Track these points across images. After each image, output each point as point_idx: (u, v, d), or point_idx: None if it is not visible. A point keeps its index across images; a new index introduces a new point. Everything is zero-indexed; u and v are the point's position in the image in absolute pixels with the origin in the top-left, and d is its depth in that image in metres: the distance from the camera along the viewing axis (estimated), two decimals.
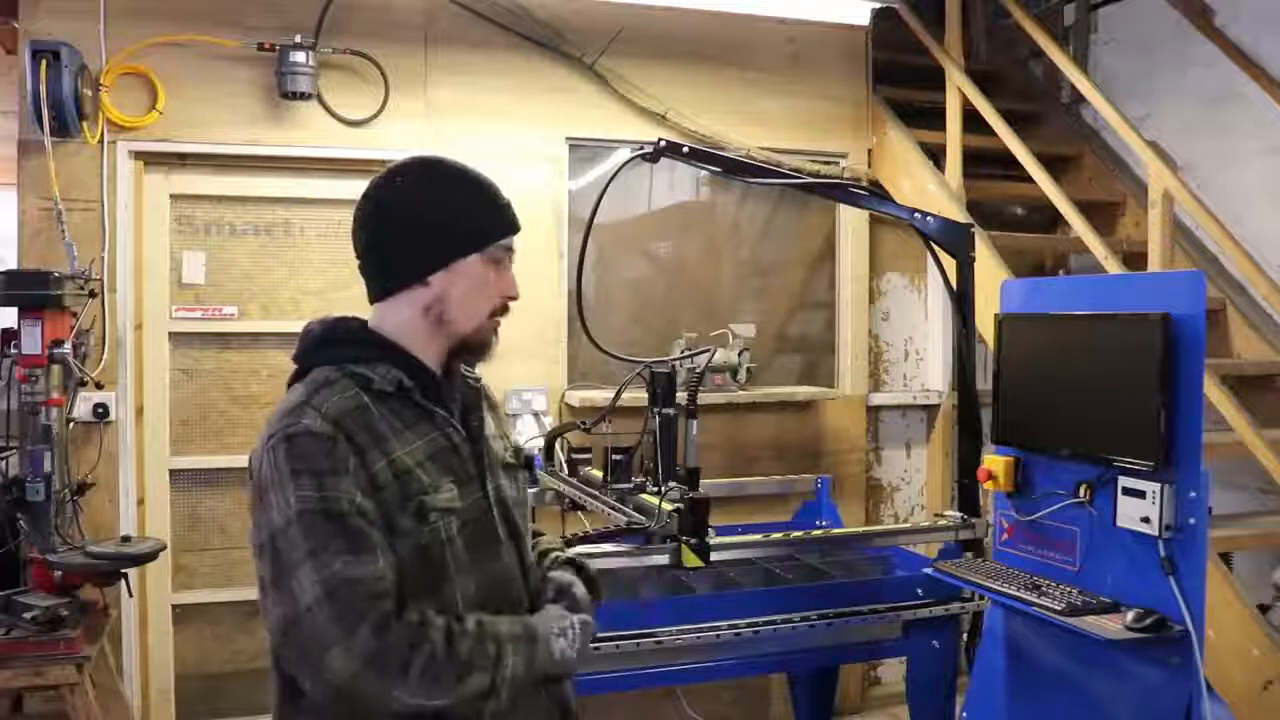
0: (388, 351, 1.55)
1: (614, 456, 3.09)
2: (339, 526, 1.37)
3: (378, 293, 1.59)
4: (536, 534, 1.83)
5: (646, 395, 3.02)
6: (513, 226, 1.64)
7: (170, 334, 3.64)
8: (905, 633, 3.01)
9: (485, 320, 1.59)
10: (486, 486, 1.57)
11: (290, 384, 1.55)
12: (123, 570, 3.07)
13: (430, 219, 1.56)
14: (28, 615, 2.81)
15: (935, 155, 4.23)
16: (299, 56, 3.49)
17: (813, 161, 4.22)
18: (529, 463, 1.78)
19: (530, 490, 1.81)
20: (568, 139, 3.95)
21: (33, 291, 2.96)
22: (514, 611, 1.54)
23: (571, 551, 1.83)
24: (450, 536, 1.48)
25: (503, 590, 1.55)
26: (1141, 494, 2.39)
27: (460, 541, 1.49)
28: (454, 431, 1.56)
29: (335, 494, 1.38)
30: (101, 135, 3.42)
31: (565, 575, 1.69)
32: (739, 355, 4.00)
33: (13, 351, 2.97)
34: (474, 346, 1.60)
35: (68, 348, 3.01)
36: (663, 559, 2.70)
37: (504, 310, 1.62)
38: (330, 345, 1.56)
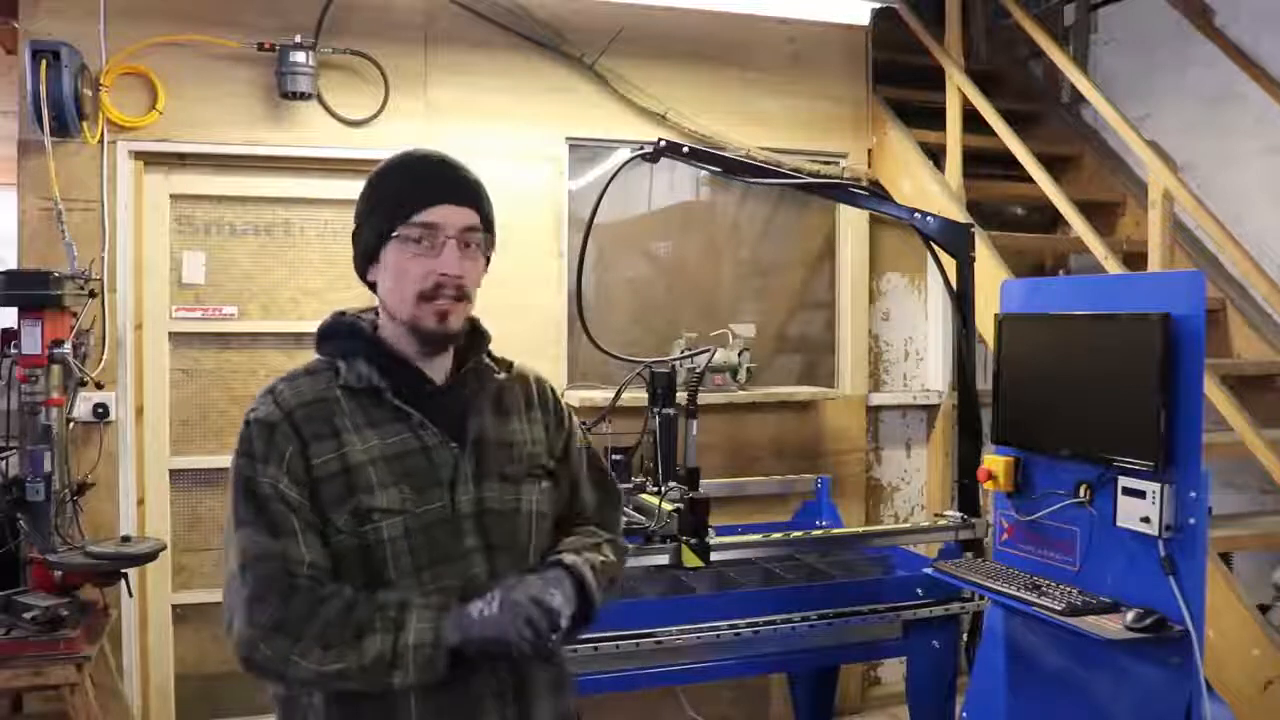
0: (371, 347, 1.55)
1: (614, 456, 3.09)
2: (259, 507, 1.45)
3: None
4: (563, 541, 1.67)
5: (646, 395, 3.02)
6: (427, 199, 1.52)
7: (170, 334, 3.64)
8: (905, 633, 3.01)
9: (417, 306, 1.51)
10: (456, 494, 1.52)
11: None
12: (123, 570, 3.07)
13: (359, 215, 1.59)
14: (28, 615, 2.81)
15: (935, 155, 4.23)
16: (299, 56, 3.49)
17: (813, 161, 4.22)
18: (547, 474, 1.65)
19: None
20: (568, 139, 3.95)
21: (33, 291, 2.96)
22: None
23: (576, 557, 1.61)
24: (392, 538, 1.46)
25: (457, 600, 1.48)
26: (1141, 494, 2.39)
27: (405, 545, 1.47)
28: (429, 434, 1.52)
29: (261, 478, 1.46)
30: (101, 135, 3.42)
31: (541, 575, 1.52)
32: (739, 355, 4.00)
33: (13, 351, 2.97)
34: (420, 335, 1.54)
35: (68, 348, 3.00)
36: (663, 559, 2.70)
37: (435, 291, 1.51)
38: (326, 339, 1.60)
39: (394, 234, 1.52)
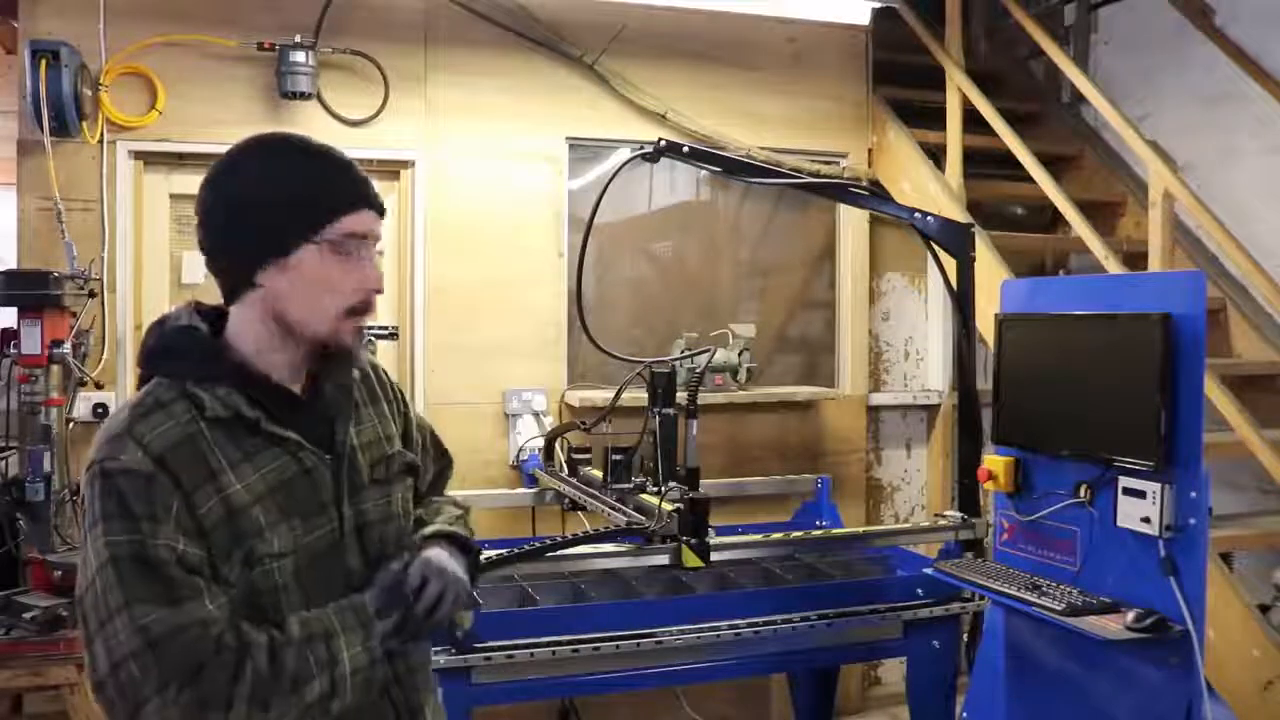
0: (233, 370, 1.38)
1: (614, 456, 3.09)
2: (156, 575, 1.24)
3: (225, 297, 1.43)
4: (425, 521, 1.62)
5: (646, 395, 3.02)
6: (358, 203, 1.39)
7: None
8: (905, 633, 3.01)
9: (340, 321, 1.39)
10: (343, 513, 1.42)
11: (138, 388, 1.40)
12: None
13: (254, 208, 1.36)
14: (28, 615, 2.81)
15: (935, 155, 4.23)
16: (299, 56, 3.49)
17: (813, 161, 4.21)
18: (410, 469, 1.58)
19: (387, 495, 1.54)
20: (568, 139, 3.95)
21: (33, 291, 2.97)
22: None
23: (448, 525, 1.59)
24: (284, 583, 1.34)
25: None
26: (1142, 494, 2.38)
27: (295, 584, 1.35)
28: (308, 454, 1.40)
29: (154, 540, 1.25)
30: (101, 135, 3.42)
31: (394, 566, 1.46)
32: (739, 355, 4.00)
33: (13, 351, 2.97)
34: (326, 352, 1.42)
35: (67, 348, 3.01)
36: (663, 559, 2.70)
37: (365, 309, 1.40)
38: (171, 357, 1.38)
39: (316, 239, 1.36)
